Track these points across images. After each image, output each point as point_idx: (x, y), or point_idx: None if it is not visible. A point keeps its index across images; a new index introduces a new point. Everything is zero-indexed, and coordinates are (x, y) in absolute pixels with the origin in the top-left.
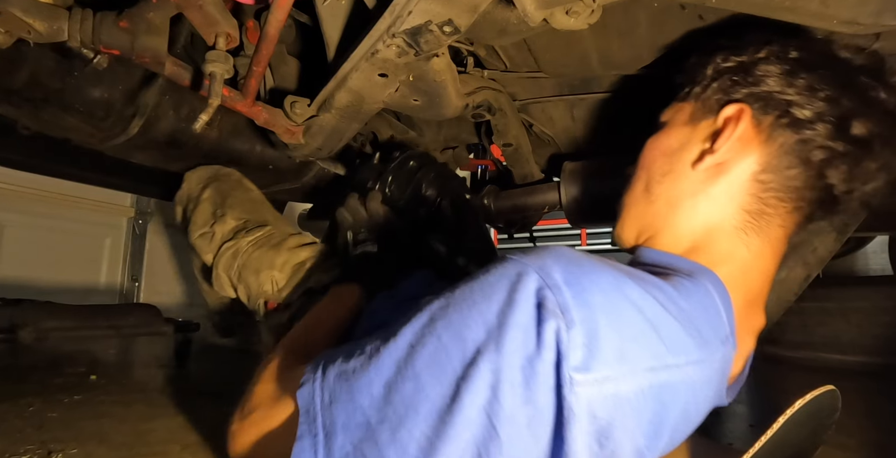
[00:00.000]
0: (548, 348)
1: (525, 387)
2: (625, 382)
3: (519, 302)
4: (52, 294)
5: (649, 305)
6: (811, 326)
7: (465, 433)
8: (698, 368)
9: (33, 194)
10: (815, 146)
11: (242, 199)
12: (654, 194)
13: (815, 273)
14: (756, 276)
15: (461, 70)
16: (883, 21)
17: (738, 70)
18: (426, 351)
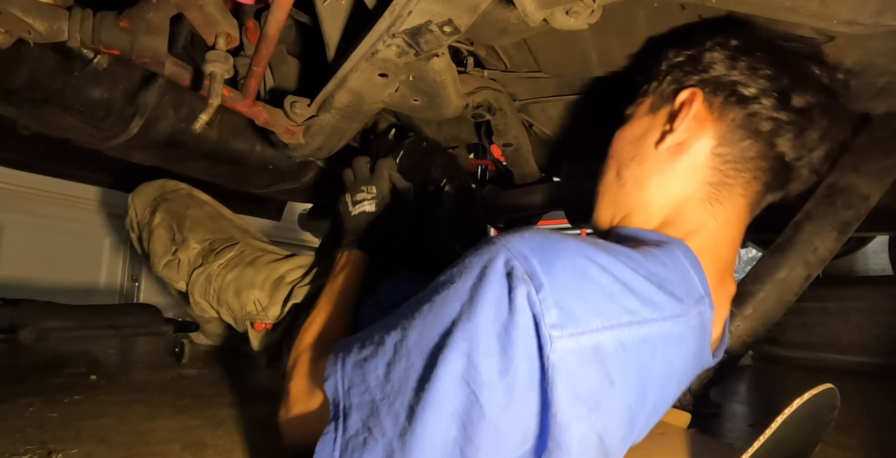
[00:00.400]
0: (521, 312)
1: (502, 354)
2: (603, 335)
3: (489, 276)
4: (52, 294)
5: (618, 267)
6: (811, 326)
7: (446, 403)
8: (674, 322)
9: (33, 194)
10: (762, 118)
11: (199, 217)
12: (623, 178)
13: (815, 273)
14: (725, 244)
15: (461, 70)
16: (883, 21)
17: (688, 62)
18: (415, 331)
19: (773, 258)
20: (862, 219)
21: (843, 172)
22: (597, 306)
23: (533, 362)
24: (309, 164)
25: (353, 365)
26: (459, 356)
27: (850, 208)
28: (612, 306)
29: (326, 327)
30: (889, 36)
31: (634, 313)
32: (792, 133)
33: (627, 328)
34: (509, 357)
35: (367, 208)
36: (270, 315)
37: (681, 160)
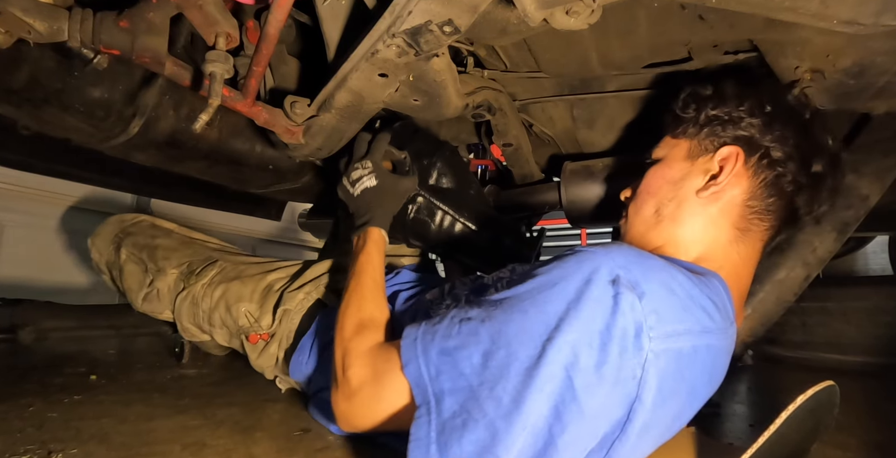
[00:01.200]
0: (623, 315)
1: (601, 349)
2: (684, 339)
3: (595, 280)
4: (52, 294)
5: (689, 285)
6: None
7: (547, 386)
8: (723, 336)
9: (33, 194)
10: (787, 181)
11: (170, 245)
12: (662, 215)
13: (815, 273)
14: (744, 277)
15: (461, 70)
16: (883, 21)
17: (726, 120)
18: (515, 324)
19: (772, 259)
20: (861, 219)
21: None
22: (679, 314)
23: (628, 359)
24: (309, 164)
25: (440, 353)
26: (566, 348)
27: (850, 209)
28: (688, 315)
29: (364, 310)
30: (889, 36)
31: (702, 323)
32: (808, 194)
33: (699, 336)
34: (606, 352)
35: (367, 184)
36: (263, 325)
37: (716, 206)
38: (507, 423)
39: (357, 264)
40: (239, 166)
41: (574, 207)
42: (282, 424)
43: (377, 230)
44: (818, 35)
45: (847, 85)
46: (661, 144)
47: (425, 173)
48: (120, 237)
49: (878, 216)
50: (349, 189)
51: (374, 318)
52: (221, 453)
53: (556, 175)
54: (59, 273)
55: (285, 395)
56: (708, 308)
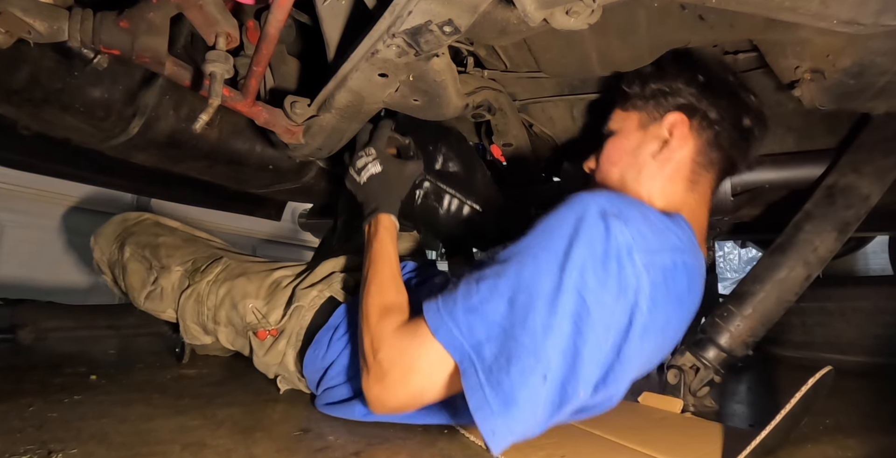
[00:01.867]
0: (615, 238)
1: (603, 269)
2: (666, 256)
3: (587, 216)
4: (52, 294)
5: (658, 216)
6: (811, 326)
7: (567, 308)
8: (695, 255)
9: (33, 194)
10: (724, 137)
11: (174, 243)
12: (626, 181)
13: (816, 273)
14: (701, 216)
15: (461, 70)
16: (883, 21)
17: (668, 91)
18: (529, 268)
19: (772, 258)
20: (862, 219)
21: (844, 172)
22: (656, 235)
23: (625, 273)
24: (309, 164)
25: (466, 312)
26: (575, 272)
27: (851, 208)
28: (662, 236)
29: (386, 295)
30: (889, 36)
31: (674, 243)
32: (742, 146)
33: (675, 253)
34: (608, 270)
35: (373, 171)
36: (272, 321)
37: (670, 166)
38: (543, 347)
39: (372, 251)
40: (239, 166)
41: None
42: (282, 424)
43: (387, 216)
44: (818, 35)
45: (847, 85)
46: (614, 117)
47: (431, 159)
48: (123, 236)
49: (878, 216)
50: (356, 178)
51: (396, 302)
52: (221, 453)
53: (556, 175)
54: (59, 273)
55: (285, 395)
56: (677, 233)
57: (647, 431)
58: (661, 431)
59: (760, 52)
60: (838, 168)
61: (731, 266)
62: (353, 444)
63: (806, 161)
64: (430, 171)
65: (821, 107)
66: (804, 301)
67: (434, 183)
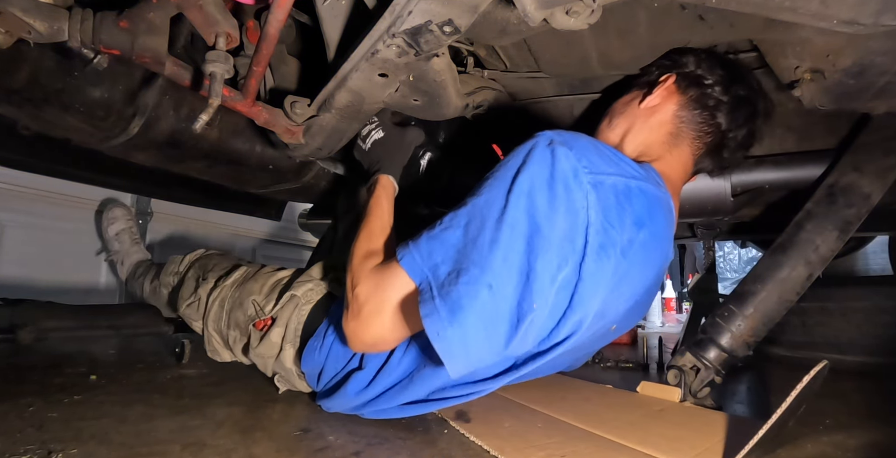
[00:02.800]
0: (560, 161)
1: (549, 189)
2: (615, 179)
3: (537, 145)
4: (52, 294)
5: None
6: (811, 326)
7: (516, 226)
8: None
9: (33, 194)
10: (710, 96)
11: (221, 264)
12: (613, 124)
13: (817, 272)
14: (675, 170)
15: (461, 70)
16: (883, 21)
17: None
18: (483, 196)
19: (774, 257)
20: (863, 218)
21: (845, 171)
22: (607, 163)
23: (573, 193)
24: (309, 164)
25: (428, 240)
26: (522, 195)
27: (852, 207)
28: (615, 165)
29: (373, 242)
30: (889, 36)
31: (630, 173)
32: (727, 110)
33: (629, 179)
34: (554, 191)
35: (375, 136)
36: (266, 310)
37: (654, 116)
38: (490, 258)
39: (368, 206)
40: (239, 166)
41: None
42: (282, 424)
43: (386, 177)
44: (818, 35)
45: (847, 85)
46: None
47: (434, 130)
48: (195, 261)
49: (878, 216)
50: (361, 145)
51: (382, 248)
52: (221, 453)
53: None
54: (59, 273)
55: (285, 395)
56: (635, 167)
57: (647, 426)
58: (660, 425)
59: (760, 52)
60: (839, 167)
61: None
62: (353, 444)
63: (806, 161)
64: (435, 142)
65: (821, 107)
66: (804, 301)
67: (437, 154)
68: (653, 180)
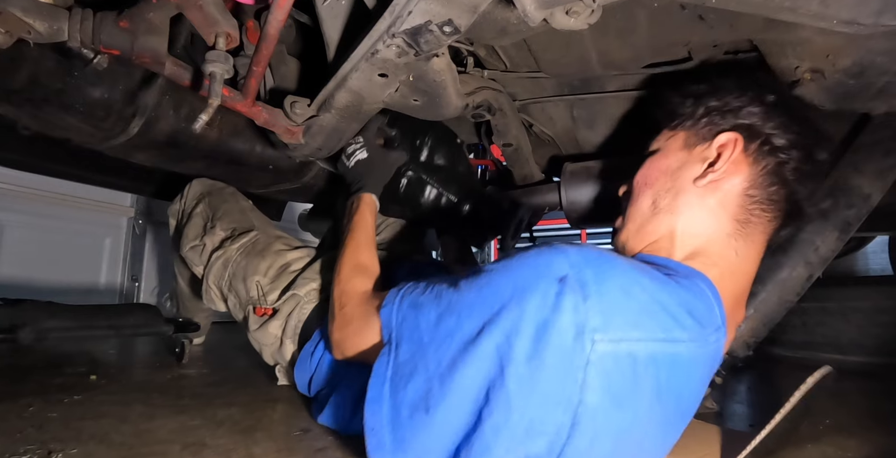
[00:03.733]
0: (564, 314)
1: (535, 342)
2: (638, 346)
3: (544, 274)
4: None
5: (657, 290)
6: (811, 326)
7: (479, 363)
8: (697, 345)
9: (33, 194)
10: (790, 168)
11: (231, 209)
12: (659, 207)
13: (817, 273)
14: (741, 276)
15: (461, 70)
16: (883, 21)
17: (726, 109)
18: (469, 298)
19: (774, 258)
20: (863, 218)
21: (844, 172)
22: (636, 319)
23: (566, 361)
24: (309, 164)
25: (409, 305)
26: (501, 332)
27: (852, 208)
28: (649, 321)
29: (359, 256)
30: (889, 36)
31: (668, 331)
32: (812, 183)
33: (661, 344)
34: (540, 348)
35: (360, 156)
36: (269, 300)
37: (714, 196)
38: (440, 384)
39: (352, 222)
40: (239, 166)
41: (574, 207)
42: (282, 424)
43: (368, 195)
44: (818, 35)
45: (847, 85)
46: (659, 137)
47: (418, 151)
48: (204, 194)
49: (878, 216)
50: (345, 162)
51: (366, 264)
52: (221, 453)
53: (556, 175)
54: (59, 273)
55: (285, 395)
56: (678, 315)
57: None
58: None
59: (760, 52)
60: (839, 168)
61: None
62: (354, 444)
63: None
64: (416, 162)
65: (821, 107)
66: (804, 301)
67: (418, 174)
68: (698, 328)
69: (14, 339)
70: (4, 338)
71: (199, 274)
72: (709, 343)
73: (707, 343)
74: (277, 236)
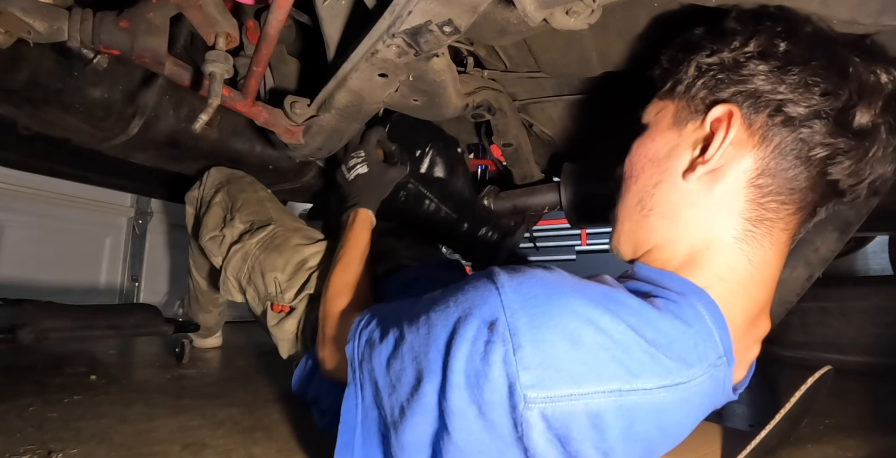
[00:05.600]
0: (494, 366)
1: (471, 392)
2: (583, 401)
3: (472, 318)
4: (52, 294)
5: (622, 330)
6: (811, 326)
7: (425, 414)
8: (674, 390)
9: (33, 194)
10: (815, 144)
11: (250, 200)
12: (647, 208)
13: (817, 273)
14: (760, 286)
15: (461, 70)
16: (883, 21)
17: (724, 68)
18: (410, 338)
19: None
20: (863, 218)
21: None
22: (584, 371)
23: (506, 415)
24: (309, 164)
25: (366, 343)
26: (435, 384)
27: (852, 208)
28: (603, 372)
29: (347, 274)
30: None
31: (631, 379)
32: (851, 160)
33: (616, 396)
34: (477, 400)
35: (360, 171)
36: (286, 298)
37: (713, 192)
38: (396, 434)
39: (345, 238)
40: (239, 166)
41: (574, 207)
42: (282, 424)
43: (365, 211)
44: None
45: None
46: (649, 107)
47: (418, 163)
48: (223, 183)
49: (878, 216)
50: (345, 174)
51: (352, 283)
52: (221, 453)
53: (556, 175)
54: (59, 273)
55: (285, 395)
56: (648, 359)
57: None
58: None
59: None
60: None
61: None
62: None
63: None
64: (416, 174)
65: None
66: (804, 301)
67: (417, 186)
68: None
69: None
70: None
71: (217, 265)
72: (693, 385)
73: (690, 385)
74: (295, 229)
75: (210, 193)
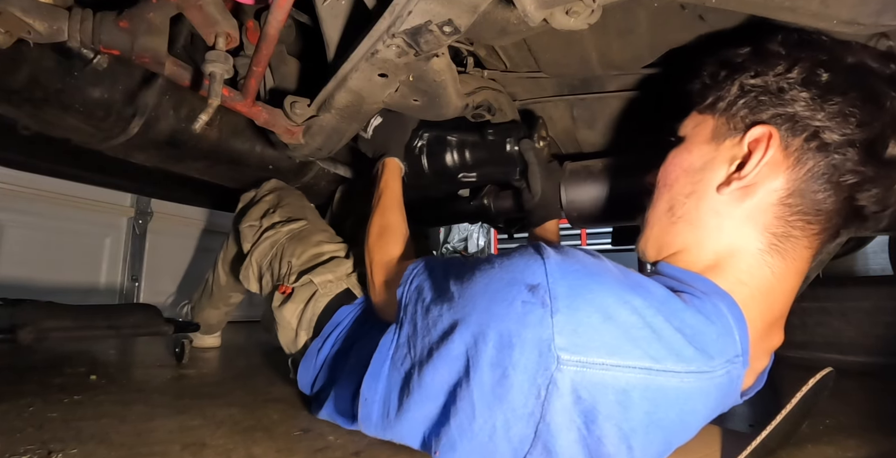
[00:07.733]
0: (528, 327)
1: (499, 350)
2: (612, 373)
3: (517, 279)
4: (52, 294)
5: (653, 313)
6: (811, 326)
7: (450, 360)
8: (699, 378)
9: (33, 194)
10: (846, 171)
11: (294, 203)
12: (676, 215)
13: (815, 274)
14: (778, 296)
15: (461, 70)
16: (883, 21)
17: (767, 91)
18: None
19: None
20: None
21: None
22: (615, 344)
23: (530, 374)
24: (309, 164)
25: (416, 288)
26: (470, 334)
27: None
28: (632, 349)
29: (386, 217)
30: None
31: (657, 360)
32: (879, 188)
33: (645, 374)
34: (503, 357)
35: (375, 123)
36: (291, 280)
37: (743, 206)
38: (419, 372)
39: (378, 187)
40: (239, 166)
41: (574, 207)
42: (282, 424)
43: (392, 159)
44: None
45: None
46: (687, 120)
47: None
48: (277, 189)
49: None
50: (363, 136)
51: (393, 225)
52: (221, 453)
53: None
54: (59, 273)
55: (285, 395)
56: (675, 343)
57: None
58: None
59: None
60: None
61: None
62: (353, 444)
63: None
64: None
65: None
66: (804, 301)
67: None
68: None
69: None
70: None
71: (245, 250)
72: (714, 376)
73: (712, 376)
74: (324, 230)
75: (263, 193)
